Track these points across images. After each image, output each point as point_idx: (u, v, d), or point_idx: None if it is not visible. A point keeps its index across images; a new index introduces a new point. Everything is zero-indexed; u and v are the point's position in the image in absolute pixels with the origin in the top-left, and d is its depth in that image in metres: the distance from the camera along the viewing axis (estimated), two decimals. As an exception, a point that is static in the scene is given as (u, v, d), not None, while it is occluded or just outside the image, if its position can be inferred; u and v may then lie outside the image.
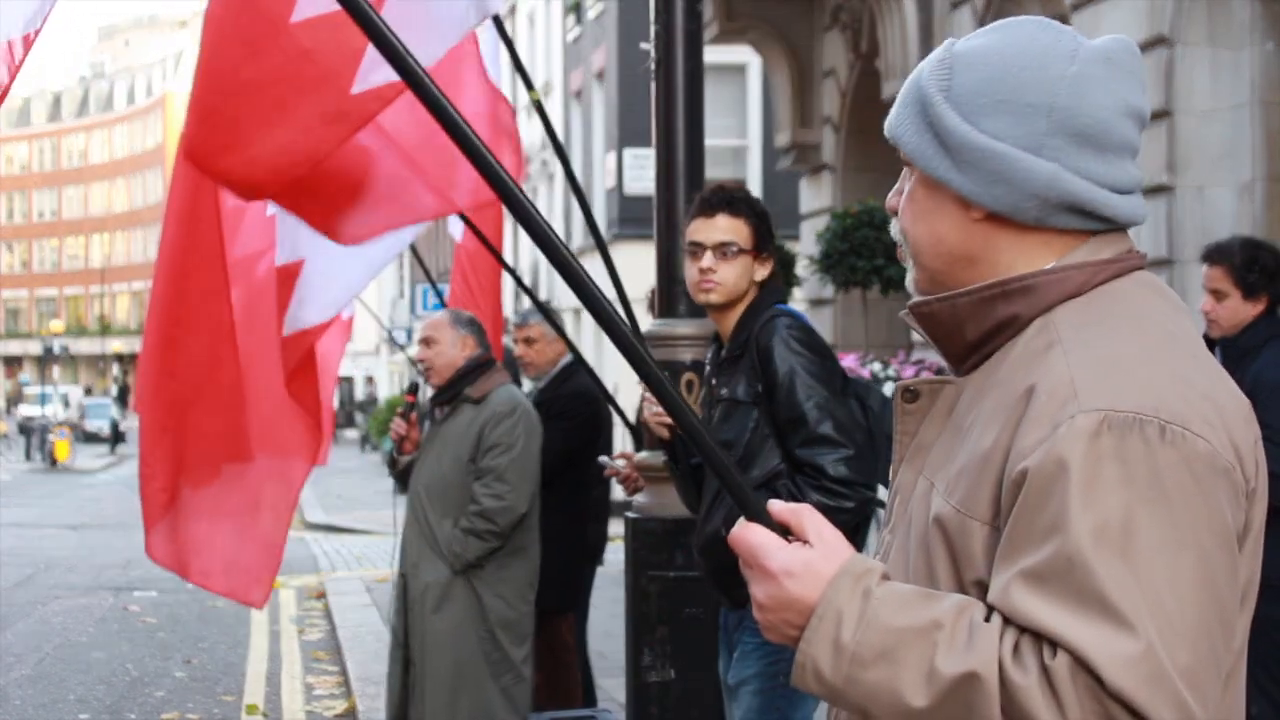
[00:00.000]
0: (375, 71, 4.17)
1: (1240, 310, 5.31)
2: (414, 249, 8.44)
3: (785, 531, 1.73)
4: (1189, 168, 9.00)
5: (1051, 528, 1.57)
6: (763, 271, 4.01)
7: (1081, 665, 1.53)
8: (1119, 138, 1.76)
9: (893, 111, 1.88)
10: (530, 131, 34.81)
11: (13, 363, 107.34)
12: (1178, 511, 1.57)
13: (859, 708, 1.64)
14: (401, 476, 6.36)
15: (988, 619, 1.60)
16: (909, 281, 1.89)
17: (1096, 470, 1.57)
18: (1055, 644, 1.54)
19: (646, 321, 4.74)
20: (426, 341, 5.98)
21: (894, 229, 1.90)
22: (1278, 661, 5.00)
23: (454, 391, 5.90)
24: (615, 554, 7.53)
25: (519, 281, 6.29)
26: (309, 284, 5.85)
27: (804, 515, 1.72)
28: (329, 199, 4.95)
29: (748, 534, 1.72)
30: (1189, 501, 1.58)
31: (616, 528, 6.76)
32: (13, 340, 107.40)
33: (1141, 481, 1.57)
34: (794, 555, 1.68)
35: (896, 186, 1.90)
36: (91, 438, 55.37)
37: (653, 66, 4.60)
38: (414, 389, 6.36)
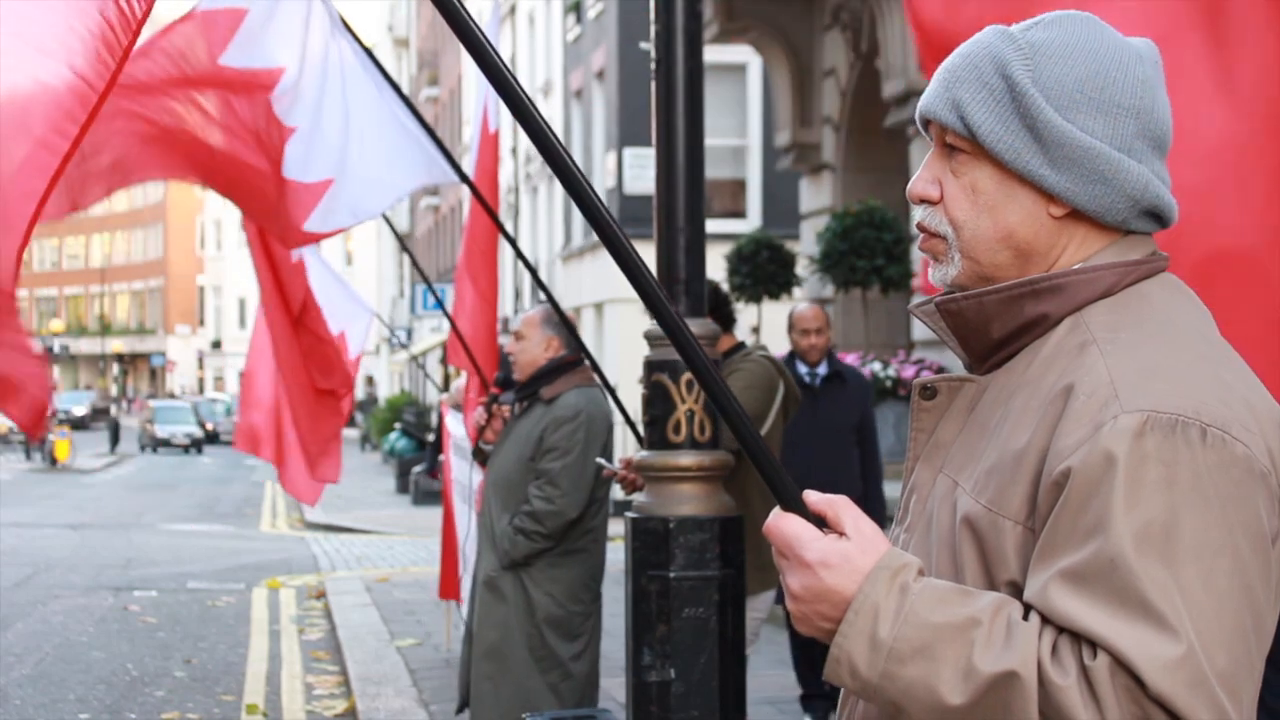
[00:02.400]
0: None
1: None
2: (410, 253, 8.47)
3: (821, 522, 1.71)
4: (1189, 167, 9.00)
5: (1093, 528, 1.56)
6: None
7: (1122, 667, 1.52)
8: (1169, 141, 1.78)
9: (944, 93, 1.78)
10: (530, 131, 34.81)
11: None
12: (1217, 515, 1.57)
13: (893, 704, 1.63)
14: (484, 464, 6.49)
15: (1025, 618, 1.59)
16: (940, 275, 1.81)
17: (1140, 471, 1.57)
18: (1095, 645, 1.54)
19: (646, 321, 4.73)
20: (516, 335, 6.09)
21: (926, 219, 1.81)
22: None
23: (531, 389, 5.99)
24: (615, 554, 7.53)
25: (534, 274, 6.29)
26: (336, 198, 6.02)
27: (840, 507, 1.69)
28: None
29: (783, 523, 1.70)
30: (1228, 506, 1.57)
31: (616, 527, 6.76)
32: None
33: (1184, 484, 1.56)
34: (831, 547, 1.67)
35: (928, 174, 1.81)
36: (162, 444, 48.77)
37: (653, 66, 4.59)
38: (502, 382, 6.44)
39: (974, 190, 1.76)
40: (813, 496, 1.71)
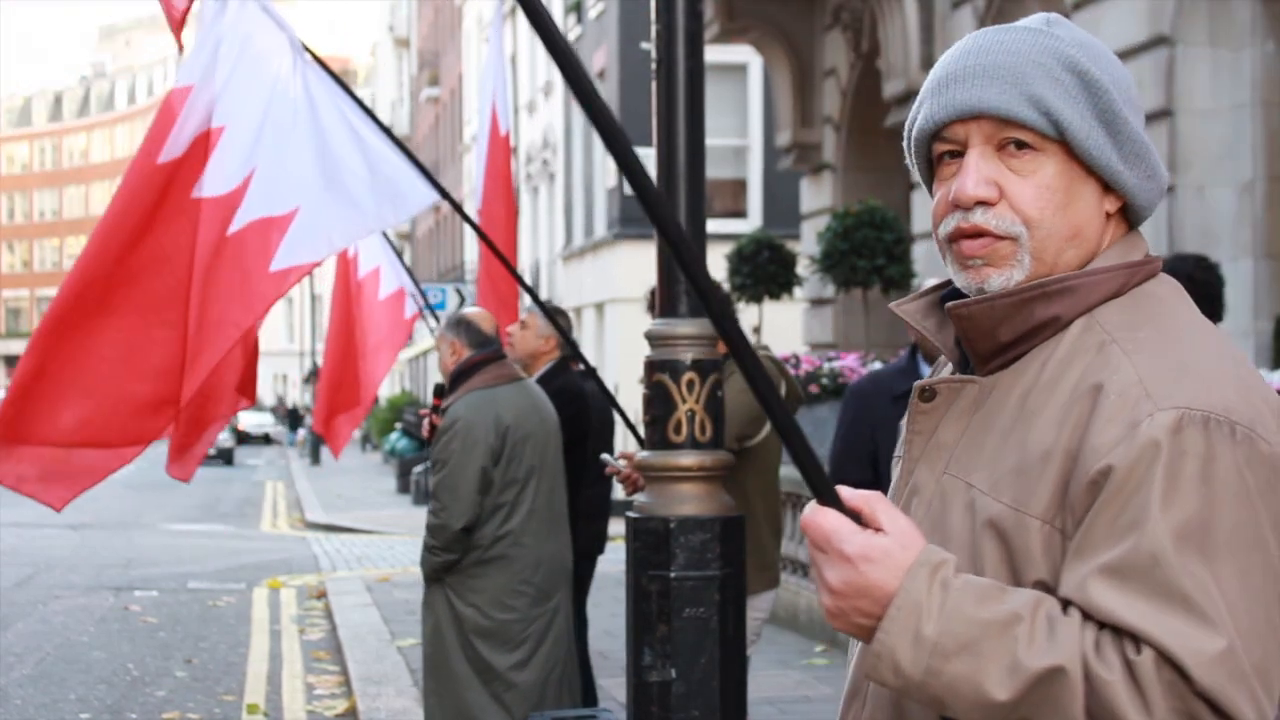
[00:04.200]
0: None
1: None
2: (399, 255, 8.55)
3: (856, 518, 1.68)
4: (1189, 167, 9.00)
5: (1133, 524, 1.58)
6: None
7: (1167, 662, 1.54)
8: None
9: (1011, 90, 1.73)
10: (531, 130, 34.84)
11: (13, 362, 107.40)
12: (1250, 512, 1.59)
13: (936, 701, 1.62)
14: None
15: (1064, 613, 1.59)
16: (1003, 279, 1.74)
17: (1178, 467, 1.58)
18: (1137, 640, 1.55)
19: (646, 321, 4.74)
20: (438, 349, 6.11)
21: (991, 222, 1.75)
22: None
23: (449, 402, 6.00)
24: (616, 553, 7.53)
25: (521, 281, 6.31)
26: (302, 228, 5.93)
27: (875, 502, 1.67)
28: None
29: (822, 518, 1.66)
30: (1259, 502, 1.59)
31: (617, 527, 6.76)
32: (14, 340, 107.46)
33: (1219, 480, 1.58)
34: (871, 541, 1.63)
35: (980, 176, 1.74)
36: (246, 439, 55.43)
37: (653, 66, 4.59)
38: (439, 391, 6.43)
39: (1048, 188, 1.74)
40: (846, 491, 1.68)
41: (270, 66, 5.87)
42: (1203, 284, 5.36)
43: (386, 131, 6.16)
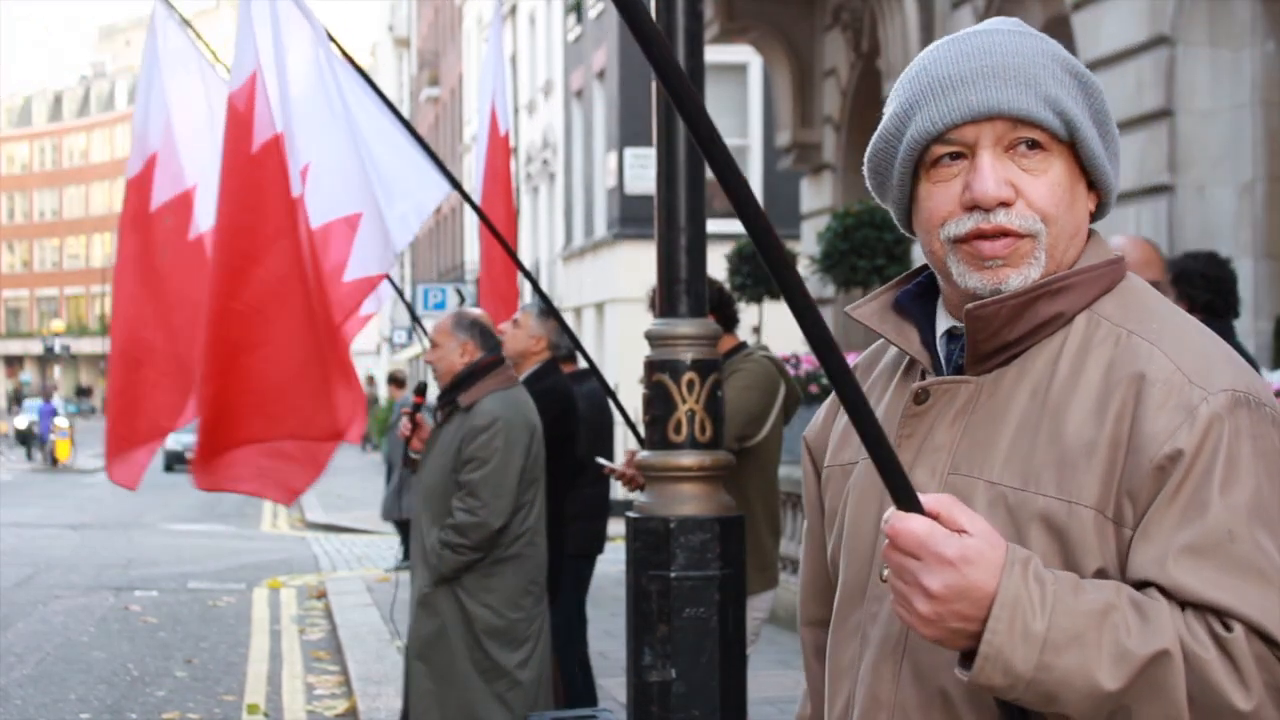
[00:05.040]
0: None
1: None
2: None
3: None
4: (1190, 167, 9.00)
5: (1206, 503, 1.62)
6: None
7: (1257, 635, 1.57)
8: None
9: (1027, 91, 1.73)
10: (531, 130, 34.83)
11: (13, 362, 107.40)
12: None
13: (1047, 697, 1.60)
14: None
15: (1144, 596, 1.62)
16: (1022, 278, 1.75)
17: (1237, 445, 1.65)
18: (1222, 616, 1.58)
19: (646, 321, 4.73)
20: (433, 344, 6.05)
21: (1014, 221, 1.75)
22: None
23: (450, 397, 5.92)
24: (615, 553, 7.53)
25: (529, 277, 6.30)
26: (367, 235, 6.06)
27: (951, 505, 1.63)
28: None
29: (912, 524, 1.60)
30: None
31: (617, 527, 6.76)
32: (13, 340, 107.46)
33: (1268, 456, 1.66)
34: (967, 543, 1.60)
35: (997, 176, 1.74)
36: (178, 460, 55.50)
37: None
38: (421, 390, 6.40)
39: (1059, 186, 1.77)
40: (923, 496, 1.64)
41: (304, 59, 5.95)
42: (1216, 280, 5.36)
43: (406, 125, 6.19)
